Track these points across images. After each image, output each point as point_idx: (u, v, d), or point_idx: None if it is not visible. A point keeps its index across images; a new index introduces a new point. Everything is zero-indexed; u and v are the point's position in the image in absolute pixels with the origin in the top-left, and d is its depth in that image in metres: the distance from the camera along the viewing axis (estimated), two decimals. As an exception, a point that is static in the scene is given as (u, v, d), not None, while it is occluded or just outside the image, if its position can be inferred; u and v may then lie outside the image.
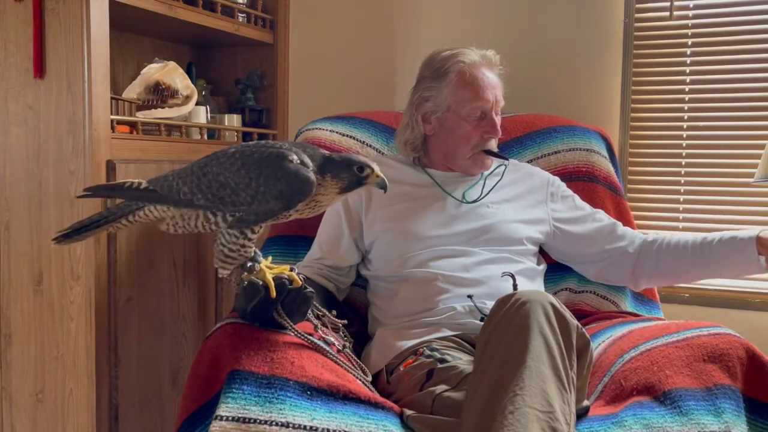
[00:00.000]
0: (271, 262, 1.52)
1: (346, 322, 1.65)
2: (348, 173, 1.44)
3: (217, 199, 1.40)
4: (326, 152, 1.47)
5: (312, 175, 1.39)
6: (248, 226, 1.42)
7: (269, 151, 1.41)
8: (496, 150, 1.90)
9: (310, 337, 1.47)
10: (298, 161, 1.39)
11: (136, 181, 1.49)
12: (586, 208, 1.96)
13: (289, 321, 1.46)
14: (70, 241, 1.52)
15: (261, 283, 1.43)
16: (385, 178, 1.49)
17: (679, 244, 1.84)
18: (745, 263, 1.77)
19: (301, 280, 1.47)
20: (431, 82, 1.90)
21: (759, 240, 1.74)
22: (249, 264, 1.46)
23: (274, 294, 1.42)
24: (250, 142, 1.46)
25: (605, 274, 1.94)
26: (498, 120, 1.88)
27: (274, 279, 1.43)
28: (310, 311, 1.54)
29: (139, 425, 2.08)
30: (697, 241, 1.83)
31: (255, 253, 1.47)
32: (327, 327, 1.58)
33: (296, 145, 1.45)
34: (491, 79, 1.88)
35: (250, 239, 1.43)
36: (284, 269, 1.50)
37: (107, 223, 1.50)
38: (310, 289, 1.49)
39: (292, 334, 1.46)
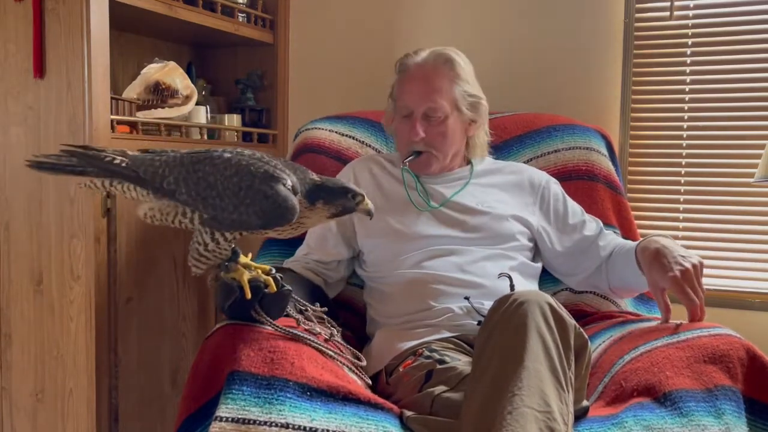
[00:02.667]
0: (269, 263, 1.52)
1: (326, 309, 1.64)
2: (342, 200, 1.46)
3: (200, 198, 1.39)
4: (317, 177, 1.47)
5: (297, 204, 1.39)
6: (220, 230, 1.40)
7: (265, 168, 1.40)
8: (419, 150, 1.84)
9: (292, 330, 1.46)
10: (290, 186, 1.39)
11: (119, 156, 1.44)
12: (577, 216, 1.92)
13: (267, 318, 1.46)
14: (43, 169, 1.46)
15: (236, 283, 1.43)
16: (372, 208, 1.51)
17: (613, 252, 1.84)
18: (636, 276, 1.73)
19: (277, 281, 1.47)
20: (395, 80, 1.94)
21: (637, 251, 1.71)
22: (225, 263, 1.45)
23: (249, 296, 1.42)
24: (246, 151, 1.44)
25: (586, 286, 1.93)
26: (429, 123, 1.82)
27: (249, 281, 1.43)
28: (291, 307, 1.55)
29: (139, 425, 2.08)
30: (622, 248, 1.81)
31: (233, 252, 1.46)
32: (312, 320, 1.57)
33: (289, 166, 1.45)
34: (427, 80, 1.83)
35: (227, 241, 1.42)
36: (264, 268, 1.50)
37: (82, 174, 1.45)
38: (287, 287, 1.49)
39: (272, 329, 1.45)
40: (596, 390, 1.52)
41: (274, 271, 1.50)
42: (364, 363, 1.57)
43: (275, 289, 1.46)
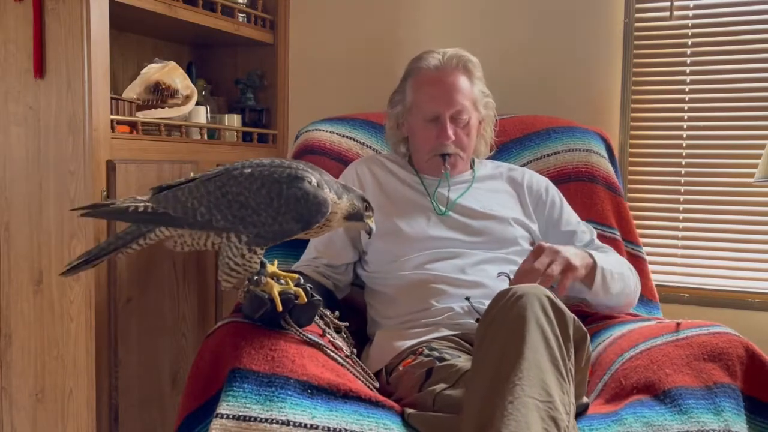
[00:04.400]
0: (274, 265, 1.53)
1: (347, 324, 1.65)
2: (361, 204, 1.50)
3: (238, 220, 1.40)
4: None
5: (329, 197, 1.41)
6: (265, 245, 1.42)
7: (288, 171, 1.41)
8: (450, 152, 1.85)
9: (318, 341, 1.48)
10: (315, 183, 1.41)
11: (139, 202, 1.45)
12: (571, 225, 1.91)
13: (297, 328, 1.48)
14: (78, 271, 1.51)
15: (267, 296, 1.43)
16: (374, 229, 1.55)
17: None
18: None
19: (307, 291, 1.48)
20: (400, 84, 1.95)
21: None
22: (255, 277, 1.45)
23: (280, 308, 1.43)
24: (265, 160, 1.46)
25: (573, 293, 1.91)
26: (456, 125, 1.84)
27: (280, 294, 1.44)
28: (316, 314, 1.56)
29: (139, 425, 2.08)
30: None
31: (261, 264, 1.47)
32: (330, 328, 1.59)
33: (309, 166, 1.46)
34: (451, 83, 1.85)
35: (258, 254, 1.43)
36: (292, 277, 1.51)
37: (117, 249, 1.48)
38: (317, 297, 1.50)
39: (302, 339, 1.47)
40: (596, 387, 1.52)
41: (302, 280, 1.52)
42: (377, 385, 1.57)
43: (306, 300, 1.47)
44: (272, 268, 1.50)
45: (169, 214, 1.43)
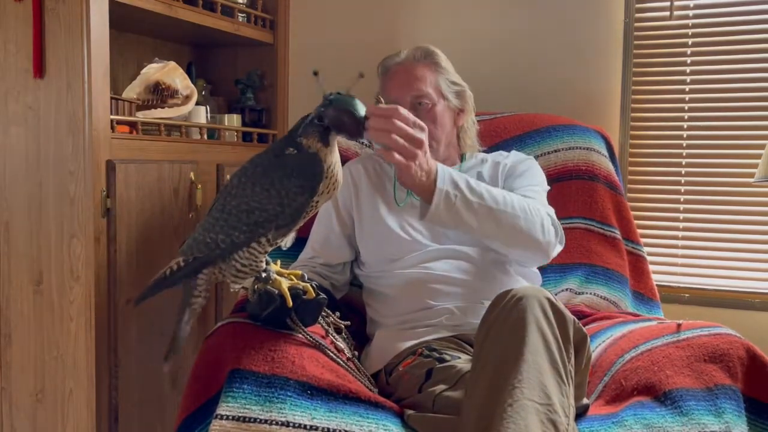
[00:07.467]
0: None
1: (349, 323, 1.65)
2: (311, 125, 1.38)
3: (254, 226, 1.37)
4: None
5: (312, 149, 1.36)
6: (289, 231, 1.41)
7: (266, 157, 1.40)
8: None
9: (321, 342, 1.48)
10: (294, 150, 1.38)
11: (172, 264, 1.46)
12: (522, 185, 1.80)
13: (302, 327, 1.48)
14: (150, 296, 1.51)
15: (277, 292, 1.43)
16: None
17: None
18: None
19: (314, 288, 1.48)
20: (378, 91, 1.96)
21: None
22: (264, 274, 1.45)
23: (290, 304, 1.43)
24: (246, 164, 1.44)
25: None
26: (419, 112, 1.79)
27: (288, 289, 1.44)
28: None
29: (139, 425, 2.08)
30: None
31: (267, 261, 1.46)
32: (331, 328, 1.59)
33: (281, 139, 1.44)
34: (411, 72, 1.86)
35: (266, 252, 1.42)
36: (297, 273, 1.51)
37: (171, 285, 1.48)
38: (322, 295, 1.51)
39: (305, 338, 1.47)
40: (596, 389, 1.52)
41: (306, 277, 1.52)
42: (376, 390, 1.57)
43: (314, 295, 1.47)
44: (275, 266, 1.50)
45: (198, 257, 1.43)
